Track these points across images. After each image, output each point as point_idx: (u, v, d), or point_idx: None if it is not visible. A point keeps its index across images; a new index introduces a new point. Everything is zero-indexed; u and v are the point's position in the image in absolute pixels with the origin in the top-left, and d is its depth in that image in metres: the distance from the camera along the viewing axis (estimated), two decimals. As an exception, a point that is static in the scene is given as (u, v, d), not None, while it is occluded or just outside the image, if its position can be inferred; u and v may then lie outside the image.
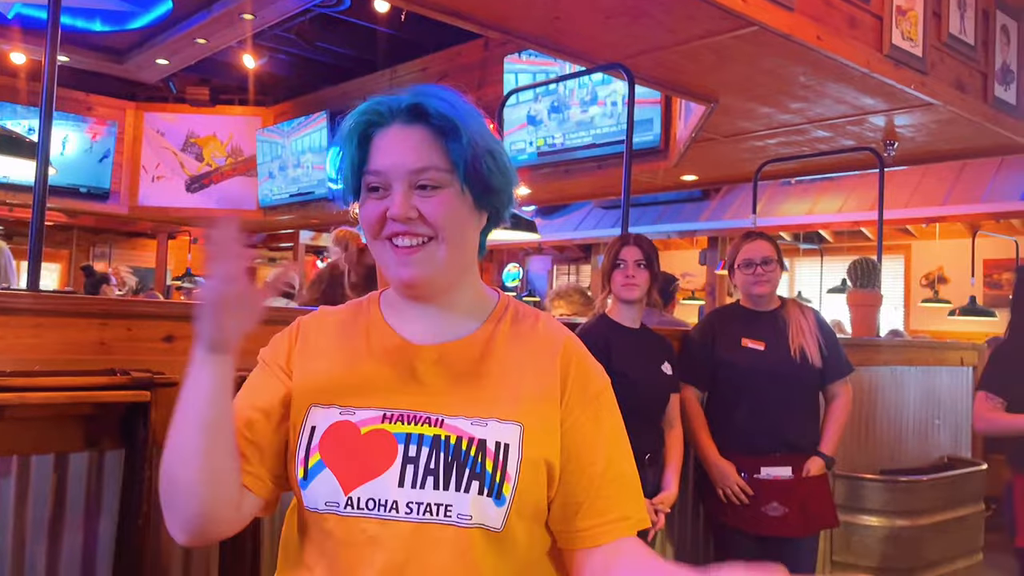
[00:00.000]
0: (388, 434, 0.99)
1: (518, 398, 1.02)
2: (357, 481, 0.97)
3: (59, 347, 1.76)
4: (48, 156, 2.11)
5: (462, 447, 0.97)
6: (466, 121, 1.01)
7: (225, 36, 7.22)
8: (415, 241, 1.01)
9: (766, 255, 2.75)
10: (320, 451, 0.99)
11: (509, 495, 0.96)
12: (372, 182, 1.02)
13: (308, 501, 0.99)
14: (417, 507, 0.96)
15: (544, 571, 1.06)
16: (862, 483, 3.57)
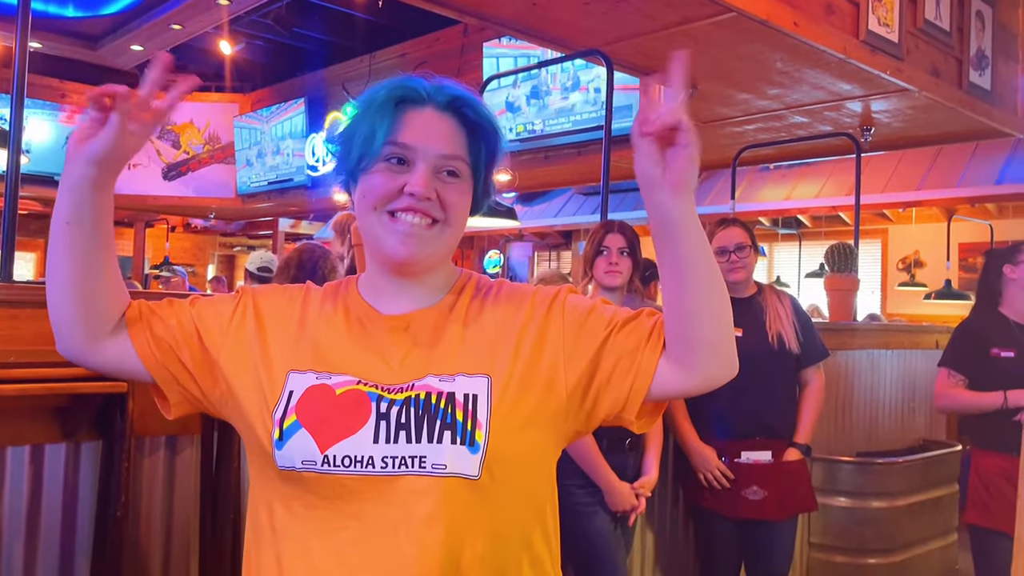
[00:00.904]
0: (363, 394, 1.01)
1: (484, 354, 1.04)
2: (333, 439, 0.99)
3: (35, 338, 1.74)
4: (20, 145, 2.09)
5: (432, 401, 1.00)
6: (496, 128, 1.09)
7: (201, 22, 7.13)
8: (425, 221, 1.03)
9: (739, 242, 2.77)
10: (296, 412, 1.01)
11: (482, 441, 0.98)
12: (395, 153, 1.04)
13: (283, 461, 1.00)
14: (392, 461, 0.97)
15: (528, 519, 1.06)
16: (839, 466, 3.62)
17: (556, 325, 1.07)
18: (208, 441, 1.94)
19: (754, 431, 2.75)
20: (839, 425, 3.89)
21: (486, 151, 1.09)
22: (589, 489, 2.43)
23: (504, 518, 1.02)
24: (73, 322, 1.06)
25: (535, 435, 1.05)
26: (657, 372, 1.03)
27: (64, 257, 1.03)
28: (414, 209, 1.03)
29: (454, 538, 0.98)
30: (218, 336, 1.09)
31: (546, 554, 1.09)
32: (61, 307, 1.06)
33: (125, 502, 1.74)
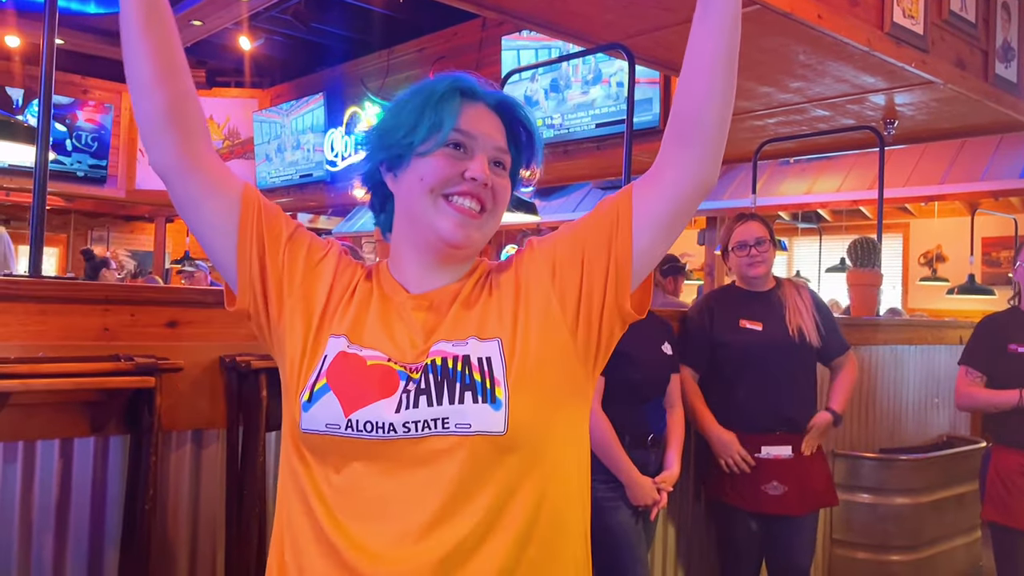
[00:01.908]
0: (392, 371, 1.04)
1: (492, 320, 1.07)
2: (358, 404, 1.01)
3: (63, 333, 1.76)
4: (48, 142, 2.11)
5: (448, 365, 1.02)
6: (537, 137, 1.17)
7: (221, 18, 7.17)
8: (477, 207, 1.08)
9: (759, 236, 2.76)
10: (328, 376, 1.04)
11: (504, 397, 1.00)
12: (458, 139, 1.08)
13: (308, 423, 1.03)
14: (415, 425, 1.00)
15: (557, 476, 1.06)
16: (861, 462, 3.60)
17: (534, 275, 1.10)
18: (233, 435, 1.95)
19: (774, 425, 2.74)
20: (862, 421, 3.86)
21: (524, 154, 1.17)
22: (611, 484, 2.43)
23: (532, 474, 1.03)
24: (161, 109, 1.07)
25: (554, 389, 1.06)
26: (638, 213, 1.07)
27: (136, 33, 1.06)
28: (471, 194, 1.07)
29: (484, 495, 0.99)
30: (302, 271, 1.12)
31: (577, 514, 1.10)
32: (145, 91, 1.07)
33: (153, 495, 1.76)
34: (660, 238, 1.09)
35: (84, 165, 10.32)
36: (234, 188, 1.11)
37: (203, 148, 1.10)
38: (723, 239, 2.87)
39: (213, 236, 1.10)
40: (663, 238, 1.09)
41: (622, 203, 1.08)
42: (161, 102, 1.06)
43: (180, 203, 1.10)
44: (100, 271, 7.53)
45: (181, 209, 1.10)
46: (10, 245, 3.34)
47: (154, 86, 1.06)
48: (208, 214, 1.09)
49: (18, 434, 1.69)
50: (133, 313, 1.85)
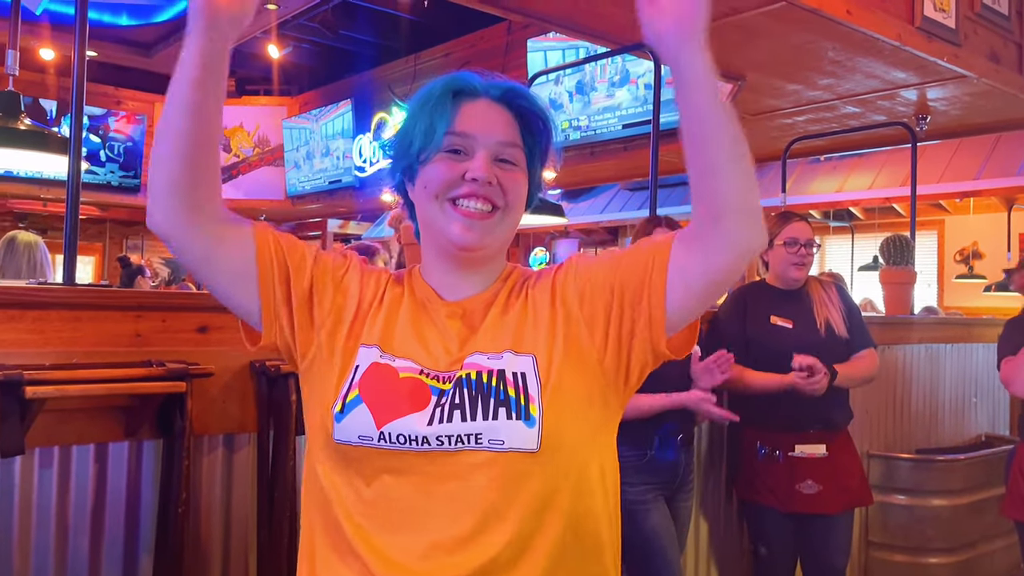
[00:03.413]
0: (424, 385, 1.03)
1: (527, 335, 1.06)
2: (390, 417, 1.00)
3: (96, 339, 1.79)
4: (80, 151, 2.14)
5: (483, 380, 1.01)
6: (548, 119, 1.13)
7: (250, 27, 7.22)
8: (486, 207, 1.05)
9: (810, 237, 2.76)
10: (360, 387, 1.03)
11: (537, 415, 0.99)
12: (455, 143, 1.06)
13: (340, 434, 1.02)
14: (448, 439, 0.99)
15: (588, 491, 1.06)
16: (898, 462, 3.54)
17: (569, 296, 1.08)
18: (264, 439, 1.97)
19: (808, 423, 2.72)
20: (897, 421, 3.81)
21: (539, 142, 1.12)
22: (642, 488, 2.41)
23: (563, 491, 1.02)
24: (176, 181, 0.99)
25: (586, 408, 1.05)
26: (674, 270, 1.02)
27: (180, 110, 0.99)
28: (476, 195, 1.05)
29: (515, 512, 0.99)
30: (332, 289, 1.10)
31: (608, 532, 1.09)
32: (168, 162, 0.99)
33: (186, 499, 1.78)
34: (696, 301, 1.04)
35: (118, 175, 10.49)
36: (244, 231, 1.06)
37: (214, 205, 1.04)
38: (768, 232, 2.84)
39: (230, 283, 1.06)
40: (699, 301, 1.04)
41: (658, 257, 1.03)
42: (184, 178, 1.00)
43: (190, 262, 1.06)
44: (135, 278, 7.65)
45: (193, 267, 1.07)
46: (46, 254, 3.40)
47: (181, 162, 0.99)
48: (223, 263, 1.05)
49: (54, 439, 1.72)
50: (164, 319, 1.88)
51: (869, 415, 3.60)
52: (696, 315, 1.07)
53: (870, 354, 2.83)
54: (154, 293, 2.46)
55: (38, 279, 3.19)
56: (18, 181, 8.88)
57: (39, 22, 7.27)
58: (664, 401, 2.39)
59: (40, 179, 8.67)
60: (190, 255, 1.05)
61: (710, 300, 1.07)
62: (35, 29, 7.24)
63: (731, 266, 1.01)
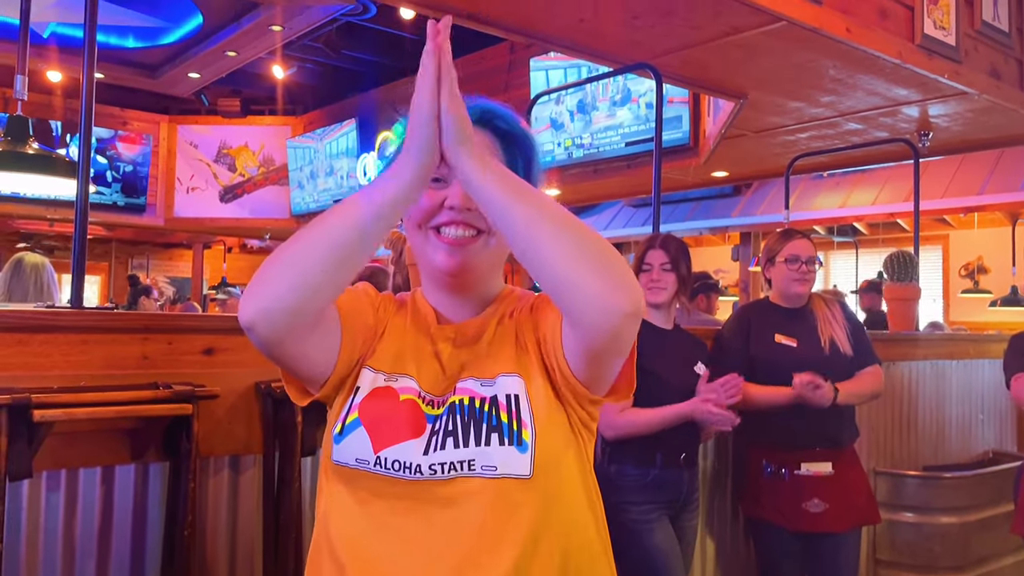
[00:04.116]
0: (420, 410, 1.03)
1: (520, 359, 1.07)
2: (387, 442, 1.01)
3: (103, 362, 1.80)
4: (88, 175, 2.16)
5: (476, 406, 1.02)
6: (528, 136, 1.13)
7: (255, 48, 7.32)
8: (467, 232, 1.06)
9: (811, 255, 2.77)
10: (359, 410, 1.04)
11: (530, 440, 1.00)
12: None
13: (339, 455, 1.03)
14: (441, 467, 0.99)
15: (581, 511, 1.07)
16: (905, 480, 3.53)
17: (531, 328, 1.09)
18: (270, 461, 1.97)
19: (813, 441, 2.71)
20: (904, 438, 3.79)
21: (522, 160, 1.12)
22: (646, 507, 2.41)
23: (559, 512, 1.03)
24: (302, 311, 0.94)
25: (574, 433, 1.07)
26: (565, 341, 1.00)
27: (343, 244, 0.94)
28: (456, 222, 1.05)
29: (512, 537, 0.99)
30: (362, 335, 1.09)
31: (600, 544, 1.10)
32: (301, 290, 0.93)
33: (192, 521, 1.78)
34: (596, 364, 1.00)
35: (124, 195, 10.54)
36: (333, 323, 1.03)
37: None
38: (770, 251, 2.85)
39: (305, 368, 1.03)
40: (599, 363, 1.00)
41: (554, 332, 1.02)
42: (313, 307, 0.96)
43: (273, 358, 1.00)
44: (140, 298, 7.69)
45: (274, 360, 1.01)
46: (53, 275, 3.42)
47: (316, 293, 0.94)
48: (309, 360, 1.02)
49: (61, 462, 1.73)
50: (171, 341, 1.89)
51: (875, 432, 3.59)
52: (607, 372, 1.02)
53: (875, 371, 2.82)
54: (161, 315, 2.47)
55: (45, 301, 3.21)
56: (25, 202, 8.93)
57: (46, 45, 7.34)
58: (665, 414, 2.38)
59: (46, 200, 8.71)
60: (279, 357, 0.99)
61: (611, 360, 1.00)
62: (42, 52, 7.30)
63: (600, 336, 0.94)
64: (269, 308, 0.92)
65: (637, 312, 0.91)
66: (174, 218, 10.95)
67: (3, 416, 1.55)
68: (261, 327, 0.92)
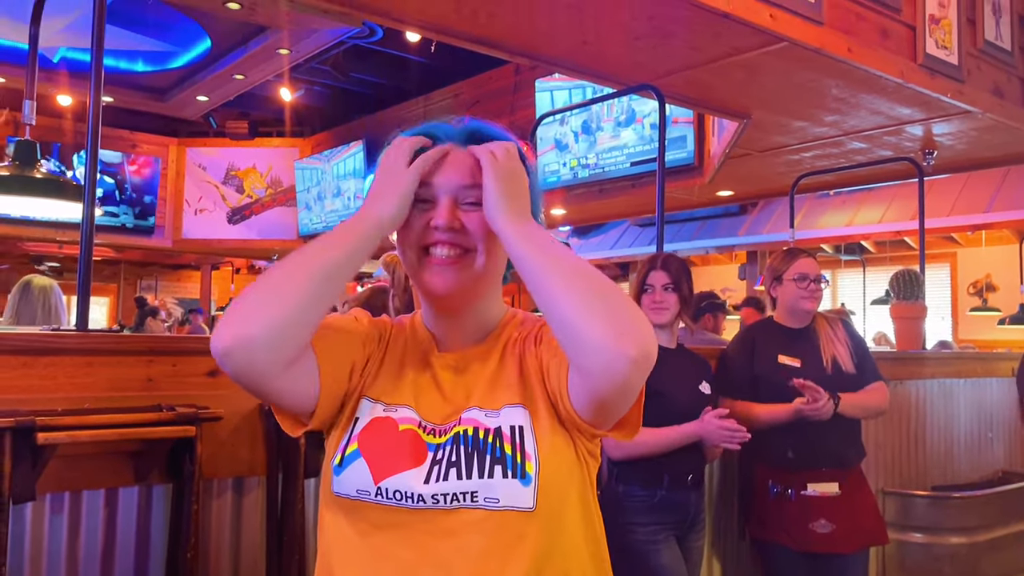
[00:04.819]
0: (421, 441, 1.03)
1: (525, 389, 1.06)
2: (387, 472, 1.01)
3: (108, 384, 1.81)
4: (94, 199, 2.18)
5: (479, 436, 1.01)
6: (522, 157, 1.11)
7: (262, 71, 7.39)
8: (454, 252, 1.06)
9: (819, 273, 2.77)
10: (359, 441, 1.04)
11: (533, 473, 0.99)
12: (420, 195, 1.07)
13: (339, 487, 1.03)
14: (444, 497, 0.99)
15: (582, 543, 1.06)
16: (913, 500, 3.50)
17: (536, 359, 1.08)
18: (273, 483, 1.98)
19: (819, 461, 2.69)
20: (911, 458, 3.77)
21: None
22: (652, 527, 2.40)
23: (560, 545, 1.02)
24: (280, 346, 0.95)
25: (578, 464, 1.06)
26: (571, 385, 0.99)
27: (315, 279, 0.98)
28: (442, 242, 1.05)
29: (514, 567, 0.98)
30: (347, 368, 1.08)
31: (602, 571, 1.09)
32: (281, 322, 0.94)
33: (195, 543, 1.78)
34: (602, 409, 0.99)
35: (132, 217, 10.62)
36: (310, 357, 1.02)
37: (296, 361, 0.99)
38: (775, 270, 2.84)
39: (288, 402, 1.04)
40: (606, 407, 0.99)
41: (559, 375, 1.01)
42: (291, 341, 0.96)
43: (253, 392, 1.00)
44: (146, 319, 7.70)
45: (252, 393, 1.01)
46: (60, 298, 3.44)
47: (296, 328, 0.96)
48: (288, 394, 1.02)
49: (64, 484, 1.73)
50: (175, 363, 1.90)
51: (883, 452, 3.57)
52: (613, 415, 1.01)
53: (878, 387, 2.81)
54: (165, 338, 2.48)
55: (53, 323, 3.22)
56: (34, 224, 9.00)
57: (56, 69, 7.43)
58: (672, 435, 2.37)
59: (55, 222, 8.78)
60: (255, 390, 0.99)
61: (618, 406, 0.99)
62: (52, 76, 7.39)
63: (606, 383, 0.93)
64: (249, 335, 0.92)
65: (645, 358, 0.90)
66: (182, 239, 11.02)
67: (7, 439, 1.56)
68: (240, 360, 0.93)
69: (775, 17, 3.02)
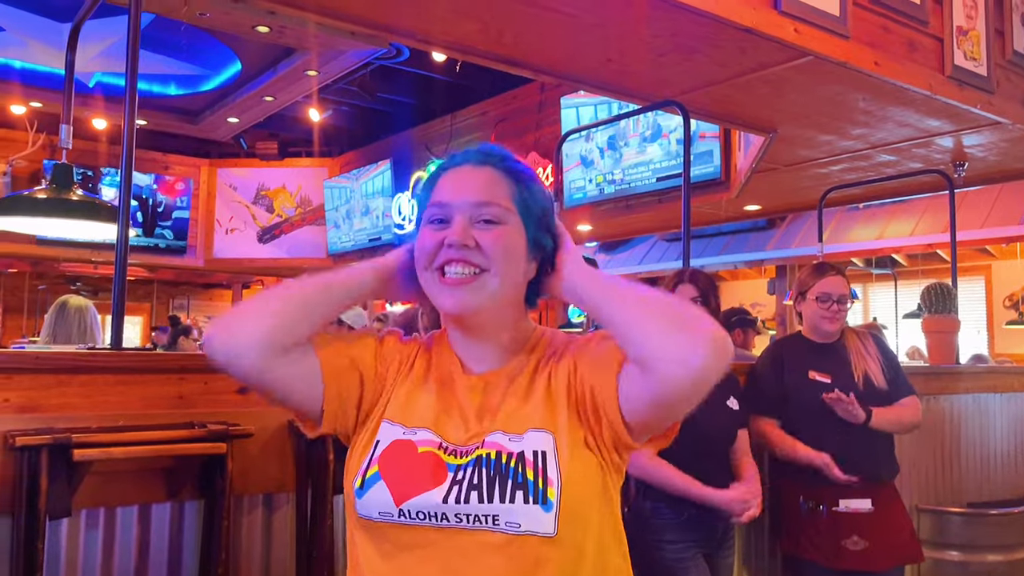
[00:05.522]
0: (441, 461, 1.04)
1: (547, 409, 1.06)
2: (409, 494, 1.02)
3: (141, 402, 1.85)
4: (128, 221, 2.22)
5: (502, 461, 1.02)
6: (531, 173, 1.14)
7: (291, 92, 7.51)
8: (468, 271, 1.06)
9: (844, 292, 2.73)
10: (379, 464, 1.05)
11: (555, 499, 0.99)
12: (435, 214, 1.09)
13: (362, 509, 1.04)
14: (466, 517, 1.00)
15: (602, 568, 1.06)
16: (948, 517, 3.44)
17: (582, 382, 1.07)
18: (303, 499, 1.99)
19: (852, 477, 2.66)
20: (946, 474, 3.70)
21: (532, 198, 1.12)
22: (681, 545, 2.38)
23: (581, 569, 1.03)
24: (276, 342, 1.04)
25: (601, 488, 1.06)
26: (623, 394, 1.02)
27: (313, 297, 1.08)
28: (455, 260, 1.06)
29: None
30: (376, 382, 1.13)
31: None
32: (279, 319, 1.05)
33: (226, 559, 1.80)
34: (653, 419, 1.03)
35: (165, 237, 10.80)
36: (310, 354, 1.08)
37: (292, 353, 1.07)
38: (801, 286, 2.82)
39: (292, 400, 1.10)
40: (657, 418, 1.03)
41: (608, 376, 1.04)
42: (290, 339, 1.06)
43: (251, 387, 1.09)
44: (178, 338, 7.82)
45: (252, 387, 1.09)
46: (96, 317, 3.50)
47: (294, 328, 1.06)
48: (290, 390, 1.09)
49: (99, 500, 1.77)
50: (206, 381, 1.93)
51: (916, 468, 3.51)
52: (666, 421, 1.05)
53: (911, 401, 2.78)
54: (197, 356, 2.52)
55: (88, 343, 3.29)
56: (70, 245, 9.18)
57: (92, 94, 7.61)
58: (693, 491, 2.34)
59: (91, 243, 8.95)
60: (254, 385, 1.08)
61: (672, 415, 1.04)
62: (88, 100, 7.57)
63: (673, 396, 0.99)
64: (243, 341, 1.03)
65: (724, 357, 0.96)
66: (214, 259, 11.17)
67: (44, 455, 1.60)
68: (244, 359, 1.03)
69: (800, 32, 3.02)
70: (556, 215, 1.16)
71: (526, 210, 1.10)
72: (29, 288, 11.48)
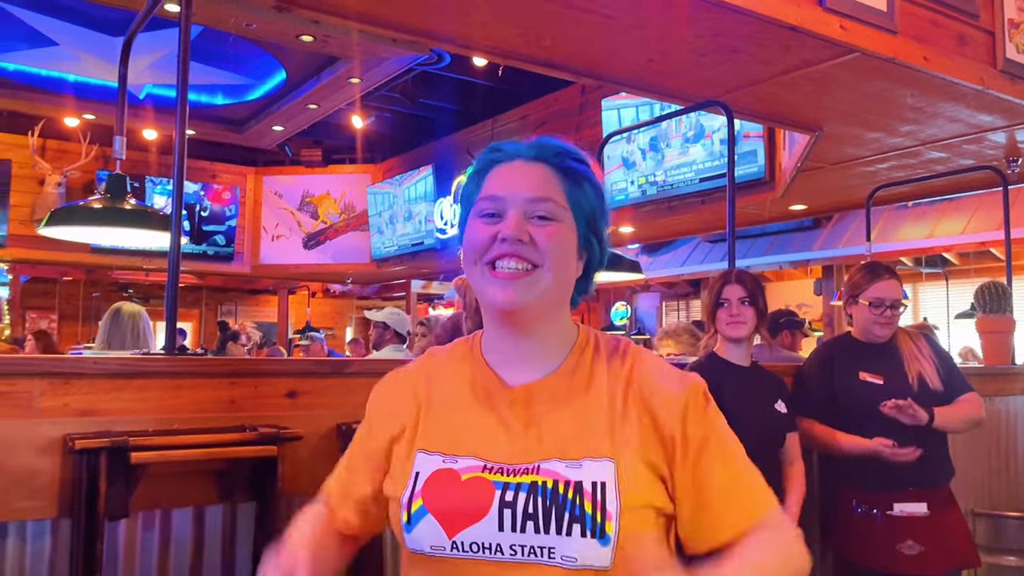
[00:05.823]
0: (487, 481, 1.01)
1: (609, 433, 1.03)
2: (460, 526, 0.99)
3: (194, 406, 1.89)
4: (180, 229, 2.27)
5: (559, 491, 0.98)
6: (587, 170, 1.10)
7: (335, 100, 7.60)
8: (521, 266, 1.03)
9: (897, 298, 2.67)
10: (423, 496, 1.02)
11: (613, 534, 0.96)
12: (487, 208, 1.06)
13: (412, 544, 1.02)
14: (521, 549, 0.98)
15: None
16: (1005, 521, 3.35)
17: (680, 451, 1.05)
18: (351, 501, 2.01)
19: (906, 481, 2.60)
20: (1003, 477, 3.61)
21: (584, 197, 1.09)
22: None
23: None
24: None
25: (657, 501, 1.03)
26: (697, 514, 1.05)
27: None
28: (509, 254, 1.03)
29: None
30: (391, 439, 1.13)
31: None
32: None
33: (277, 561, 1.83)
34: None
35: (216, 244, 11.01)
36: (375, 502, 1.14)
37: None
38: (854, 289, 2.76)
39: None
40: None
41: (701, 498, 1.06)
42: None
43: None
44: (227, 343, 7.97)
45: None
46: (148, 323, 3.59)
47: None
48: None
49: (154, 502, 1.81)
50: (256, 385, 1.96)
51: (971, 472, 3.43)
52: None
53: (971, 397, 2.70)
54: (246, 361, 2.57)
55: (141, 348, 3.37)
56: (122, 254, 9.41)
57: (142, 105, 7.79)
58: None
59: (142, 251, 9.16)
60: None
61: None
62: (139, 112, 7.75)
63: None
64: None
65: None
66: (260, 265, 11.36)
67: (103, 458, 1.64)
68: None
69: (846, 28, 2.97)
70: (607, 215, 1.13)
71: (578, 208, 1.08)
72: (84, 296, 11.80)
